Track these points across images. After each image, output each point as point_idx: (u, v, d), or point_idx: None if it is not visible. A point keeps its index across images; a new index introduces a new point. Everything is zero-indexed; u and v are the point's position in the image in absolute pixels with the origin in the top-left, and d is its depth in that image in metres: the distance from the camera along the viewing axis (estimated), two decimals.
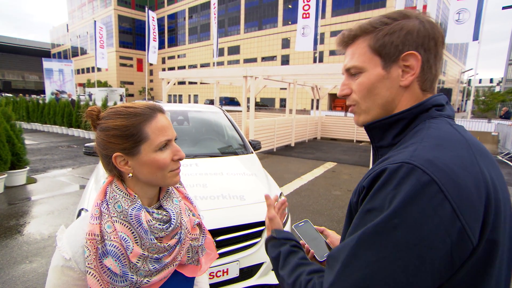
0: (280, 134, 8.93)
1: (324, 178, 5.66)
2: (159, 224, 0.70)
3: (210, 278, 1.71)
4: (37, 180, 5.09)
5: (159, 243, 0.69)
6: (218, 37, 14.93)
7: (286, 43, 39.80)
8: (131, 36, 61.31)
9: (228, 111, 5.26)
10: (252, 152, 2.97)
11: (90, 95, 30.38)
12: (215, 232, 1.74)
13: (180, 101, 54.93)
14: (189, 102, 52.54)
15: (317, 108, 11.86)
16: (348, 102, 0.66)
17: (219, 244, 1.75)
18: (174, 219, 0.73)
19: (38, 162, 6.40)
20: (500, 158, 8.37)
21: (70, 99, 12.21)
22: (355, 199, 0.56)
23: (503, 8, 14.93)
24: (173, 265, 0.73)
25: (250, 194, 2.09)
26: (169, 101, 48.97)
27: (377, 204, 0.48)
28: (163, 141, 0.69)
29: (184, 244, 0.75)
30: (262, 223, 1.91)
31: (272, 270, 1.99)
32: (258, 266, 1.88)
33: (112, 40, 57.36)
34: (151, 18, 15.54)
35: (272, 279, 1.92)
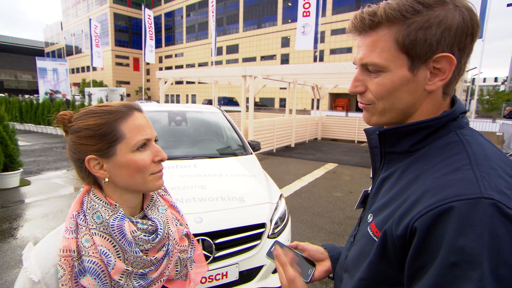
0: (280, 135, 8.89)
1: (325, 180, 5.62)
2: (145, 235, 0.64)
3: (209, 282, 1.68)
4: (31, 182, 5.01)
5: (145, 256, 0.62)
6: (216, 35, 14.87)
7: (285, 42, 39.80)
8: (127, 34, 61.01)
9: (226, 111, 5.21)
10: (252, 153, 2.93)
11: (89, 95, 30.11)
12: (214, 235, 1.72)
13: (178, 101, 54.80)
14: (187, 102, 52.43)
15: (318, 108, 11.83)
16: (361, 99, 0.57)
17: (218, 247, 1.73)
18: (161, 229, 0.66)
19: (32, 164, 6.31)
20: None
21: (64, 99, 12.09)
22: (398, 233, 0.46)
23: (508, 5, 14.71)
24: (161, 280, 0.66)
25: (250, 196, 2.06)
26: (167, 101, 48.81)
27: (464, 255, 0.39)
28: (141, 140, 0.64)
29: (172, 256, 0.69)
30: (262, 225, 1.89)
31: (273, 273, 1.96)
32: (258, 269, 1.86)
33: (107, 38, 57.11)
34: (147, 16, 15.42)
35: (272, 282, 1.89)
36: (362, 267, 0.54)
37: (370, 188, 0.69)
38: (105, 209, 0.62)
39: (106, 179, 0.63)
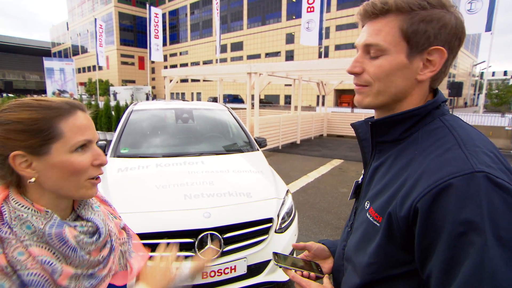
0: (286, 132, 8.87)
1: (331, 176, 5.61)
2: (89, 237, 0.61)
3: (218, 275, 1.70)
4: None
5: (92, 258, 0.61)
6: (221, 33, 14.87)
7: (290, 38, 39.54)
8: (132, 33, 61.39)
9: (232, 108, 5.21)
10: (258, 150, 2.95)
11: (115, 94, 29.98)
12: (222, 229, 1.73)
13: (183, 99, 54.96)
14: (192, 100, 52.62)
15: (323, 104, 11.77)
16: (357, 81, 0.61)
17: (227, 241, 1.74)
18: (101, 228, 0.64)
19: None
20: None
21: (72, 98, 12.25)
22: (402, 214, 0.50)
23: None
24: (109, 276, 0.65)
25: (257, 191, 2.08)
26: (172, 99, 48.84)
27: (468, 224, 0.43)
28: (81, 140, 0.59)
29: (115, 251, 0.68)
30: (269, 220, 1.90)
31: (280, 267, 1.98)
32: (265, 263, 1.87)
33: (113, 37, 57.55)
34: (154, 14, 15.41)
35: (279, 276, 1.91)
36: (367, 252, 0.57)
37: (360, 179, 0.73)
38: (36, 218, 0.56)
39: (33, 179, 0.57)
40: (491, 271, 0.41)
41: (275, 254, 0.76)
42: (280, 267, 0.73)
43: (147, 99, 28.32)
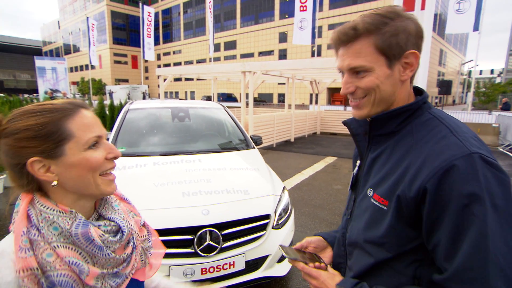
0: (280, 130, 8.93)
1: (325, 173, 5.68)
2: (112, 236, 0.63)
3: (217, 271, 1.73)
4: None
5: (117, 256, 0.62)
6: (214, 32, 14.81)
7: (283, 37, 39.60)
8: (125, 32, 60.60)
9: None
10: (254, 147, 2.98)
11: (111, 93, 29.22)
12: (221, 226, 1.76)
13: (179, 98, 54.51)
14: (186, 98, 52.26)
15: (316, 102, 11.86)
16: (353, 97, 0.69)
17: (225, 238, 1.77)
18: (124, 226, 0.66)
19: None
20: (501, 149, 8.37)
21: (65, 98, 12.08)
22: (411, 195, 0.58)
23: None
24: (131, 274, 0.67)
25: (254, 188, 2.11)
26: (166, 98, 48.47)
27: (472, 196, 0.52)
28: (93, 137, 0.60)
29: (137, 249, 0.70)
30: (266, 217, 1.93)
31: (278, 262, 2.02)
32: (263, 259, 1.90)
33: (105, 36, 56.71)
34: (147, 13, 15.23)
35: (277, 271, 1.94)
36: (378, 234, 0.64)
37: (355, 171, 0.79)
38: (62, 218, 0.57)
39: (55, 182, 0.58)
40: (492, 234, 0.50)
41: (282, 247, 0.80)
42: (290, 258, 0.75)
43: (144, 98, 27.75)
